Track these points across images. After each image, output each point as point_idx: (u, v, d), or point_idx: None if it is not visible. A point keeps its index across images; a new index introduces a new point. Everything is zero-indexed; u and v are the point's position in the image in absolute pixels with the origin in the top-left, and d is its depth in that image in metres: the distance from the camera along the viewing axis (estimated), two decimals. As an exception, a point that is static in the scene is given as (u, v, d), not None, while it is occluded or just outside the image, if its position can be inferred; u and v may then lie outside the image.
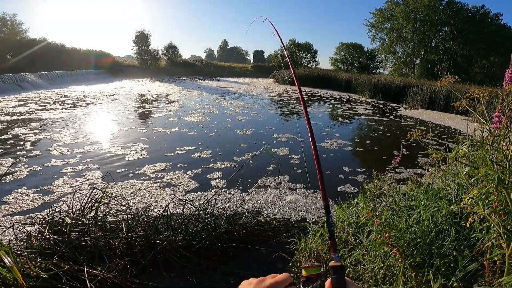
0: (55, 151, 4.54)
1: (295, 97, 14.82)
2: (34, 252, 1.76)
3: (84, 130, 6.03)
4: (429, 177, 2.06)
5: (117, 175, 3.75)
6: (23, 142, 4.98)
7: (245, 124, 7.34)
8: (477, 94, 1.25)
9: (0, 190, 3.19)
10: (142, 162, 4.27)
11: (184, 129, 6.49)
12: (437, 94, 12.19)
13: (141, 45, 29.26)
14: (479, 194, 1.16)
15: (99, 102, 10.20)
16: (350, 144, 6.07)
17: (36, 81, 14.13)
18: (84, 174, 3.74)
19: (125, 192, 3.27)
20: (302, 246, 2.05)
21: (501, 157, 1.00)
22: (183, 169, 4.07)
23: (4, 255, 1.17)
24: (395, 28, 30.45)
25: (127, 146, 4.98)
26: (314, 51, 39.39)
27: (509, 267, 1.08)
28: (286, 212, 3.01)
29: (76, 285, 1.59)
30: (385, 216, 1.75)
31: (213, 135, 6.10)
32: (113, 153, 4.62)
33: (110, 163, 4.19)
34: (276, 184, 3.70)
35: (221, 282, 1.95)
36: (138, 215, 2.28)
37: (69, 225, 1.86)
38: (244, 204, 2.95)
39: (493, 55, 27.23)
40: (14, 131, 5.67)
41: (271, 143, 5.62)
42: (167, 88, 16.09)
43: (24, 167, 3.87)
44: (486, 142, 1.07)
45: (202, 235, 2.12)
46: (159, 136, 5.80)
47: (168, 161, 4.34)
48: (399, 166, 4.42)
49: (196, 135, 5.97)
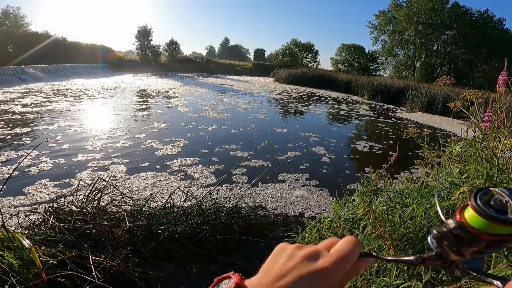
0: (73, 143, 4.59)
1: (294, 96, 14.88)
2: (39, 239, 1.81)
3: (91, 123, 6.08)
4: (423, 175, 2.13)
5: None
6: (35, 134, 5.03)
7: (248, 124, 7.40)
8: (471, 96, 1.31)
9: (25, 180, 3.29)
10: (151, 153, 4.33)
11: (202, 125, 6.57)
12: (436, 97, 12.28)
13: (142, 41, 29.31)
14: (469, 190, 1.23)
15: (101, 96, 10.23)
16: (347, 143, 6.15)
17: (36, 73, 14.11)
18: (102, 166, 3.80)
19: (144, 183, 3.36)
20: (299, 239, 2.11)
21: (490, 154, 1.06)
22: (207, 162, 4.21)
23: (22, 237, 1.23)
24: (397, 31, 30.54)
25: (134, 137, 5.04)
26: (315, 51, 39.48)
27: (496, 259, 1.15)
28: (287, 207, 3.08)
29: (80, 271, 1.65)
30: (380, 211, 1.81)
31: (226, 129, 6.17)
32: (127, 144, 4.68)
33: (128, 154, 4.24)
34: (277, 179, 3.77)
35: (220, 273, 1.99)
36: (141, 205, 2.34)
37: (75, 213, 1.91)
38: (244, 198, 3.02)
39: (494, 60, 27.32)
40: (37, 125, 5.71)
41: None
42: (167, 84, 16.13)
43: (47, 159, 3.95)
44: (476, 140, 1.14)
45: (203, 227, 2.18)
46: (154, 129, 5.86)
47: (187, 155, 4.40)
48: (395, 164, 4.50)
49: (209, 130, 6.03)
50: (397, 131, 7.94)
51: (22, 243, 1.22)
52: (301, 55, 38.68)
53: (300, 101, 13.04)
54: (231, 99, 11.69)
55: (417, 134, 1.33)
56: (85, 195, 2.31)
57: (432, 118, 11.03)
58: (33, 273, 1.47)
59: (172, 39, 32.94)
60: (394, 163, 2.13)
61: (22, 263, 1.45)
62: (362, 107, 12.83)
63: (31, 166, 3.64)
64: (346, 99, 15.33)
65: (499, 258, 1.10)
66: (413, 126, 8.94)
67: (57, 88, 11.46)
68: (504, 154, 1.18)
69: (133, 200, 2.56)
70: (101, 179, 2.37)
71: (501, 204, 0.29)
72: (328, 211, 2.95)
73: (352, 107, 12.43)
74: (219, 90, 14.89)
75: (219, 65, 35.07)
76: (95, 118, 6.80)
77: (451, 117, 10.98)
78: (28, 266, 1.34)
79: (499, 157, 1.09)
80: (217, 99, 11.57)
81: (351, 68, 35.72)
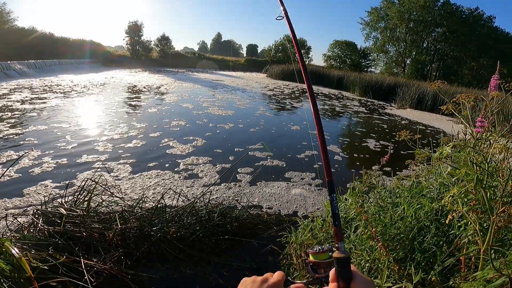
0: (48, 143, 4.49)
1: (287, 92, 14.90)
2: (28, 243, 1.77)
3: (76, 119, 5.95)
4: (414, 175, 2.16)
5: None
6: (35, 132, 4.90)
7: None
8: (463, 99, 1.33)
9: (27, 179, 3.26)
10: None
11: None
12: (425, 94, 12.47)
13: (133, 36, 28.90)
14: (459, 193, 1.25)
15: (89, 93, 10.01)
16: (337, 140, 6.22)
17: (22, 69, 13.72)
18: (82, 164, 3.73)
19: (151, 181, 3.29)
20: (292, 239, 2.13)
21: (481, 159, 1.08)
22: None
23: (11, 245, 1.19)
24: (389, 28, 30.80)
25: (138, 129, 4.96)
26: (308, 47, 39.52)
27: (484, 262, 1.18)
28: (280, 206, 3.09)
29: (72, 276, 1.62)
30: (372, 211, 1.83)
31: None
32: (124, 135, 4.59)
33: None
34: (271, 178, 3.77)
35: (214, 274, 2.01)
36: (132, 206, 2.31)
37: (64, 216, 1.88)
38: (238, 197, 3.01)
39: (483, 58, 27.81)
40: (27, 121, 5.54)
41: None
42: (159, 80, 15.90)
43: (49, 160, 3.88)
44: (468, 144, 1.16)
45: (196, 227, 2.17)
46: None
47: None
48: (386, 164, 4.56)
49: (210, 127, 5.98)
50: (389, 128, 8.04)
51: (12, 252, 1.18)
52: (293, 51, 38.61)
53: (292, 97, 13.09)
54: (224, 95, 11.63)
55: (410, 137, 1.34)
56: (74, 196, 2.27)
57: (422, 115, 11.20)
58: (25, 277, 1.44)
59: (164, 34, 32.52)
60: (388, 159, 2.15)
61: (13, 267, 1.41)
62: (353, 103, 12.98)
63: (33, 167, 3.58)
64: (337, 95, 15.44)
65: (487, 261, 1.12)
66: (404, 123, 9.10)
67: (45, 84, 11.17)
68: (493, 157, 1.20)
69: (124, 200, 2.53)
70: (91, 180, 2.33)
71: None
72: (321, 210, 2.97)
73: (344, 103, 12.55)
74: (212, 86, 14.77)
75: (211, 60, 34.76)
76: (88, 115, 6.66)
77: (440, 114, 11.23)
78: (19, 270, 1.31)
79: (489, 162, 1.11)
80: (210, 95, 11.49)
81: (343, 64, 35.94)
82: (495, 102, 1.20)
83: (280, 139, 5.85)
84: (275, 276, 0.56)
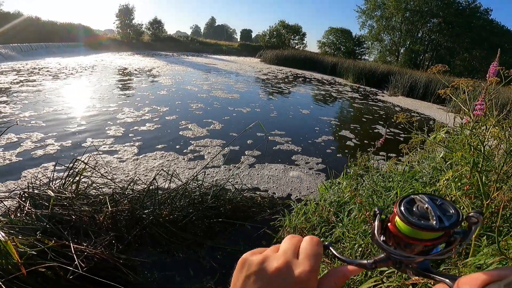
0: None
1: (281, 76, 14.79)
2: (15, 227, 1.72)
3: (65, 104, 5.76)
4: (407, 159, 2.17)
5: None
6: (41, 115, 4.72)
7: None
8: (462, 84, 1.31)
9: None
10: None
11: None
12: (417, 83, 12.57)
13: (124, 19, 28.07)
14: (453, 177, 1.25)
15: (76, 76, 9.69)
16: (330, 123, 6.26)
17: (8, 53, 13.16)
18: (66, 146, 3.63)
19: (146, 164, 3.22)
20: (286, 223, 2.13)
21: (478, 142, 1.07)
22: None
23: None
24: (385, 16, 30.51)
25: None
26: (303, 33, 38.98)
27: (475, 248, 1.19)
28: (276, 188, 3.10)
29: (62, 261, 1.58)
30: (366, 195, 1.84)
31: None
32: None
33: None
34: (256, 160, 3.76)
35: (207, 257, 2.01)
36: (123, 188, 2.27)
37: (52, 198, 1.82)
38: (231, 179, 3.00)
39: (476, 49, 27.99)
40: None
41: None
42: (150, 62, 15.50)
43: (56, 143, 3.77)
44: (466, 127, 1.14)
45: (189, 210, 2.15)
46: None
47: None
48: (381, 148, 4.60)
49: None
50: (378, 114, 8.08)
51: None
52: (288, 36, 38.08)
53: (286, 82, 13.05)
54: (217, 78, 11.47)
55: (407, 119, 1.33)
56: (63, 177, 2.21)
57: (413, 103, 11.36)
58: (12, 263, 1.40)
59: (156, 17, 32.03)
60: (383, 142, 2.15)
61: (0, 253, 1.37)
62: (346, 88, 13.15)
63: (35, 149, 3.51)
64: (331, 81, 15.47)
65: (480, 248, 1.14)
66: (397, 110, 9.19)
67: (32, 67, 10.73)
68: (489, 143, 1.20)
69: (115, 182, 2.48)
70: (80, 160, 2.26)
71: (423, 211, 0.30)
72: (315, 194, 2.98)
73: (337, 88, 12.66)
74: (205, 69, 14.52)
75: (204, 44, 34.06)
76: (77, 98, 6.46)
77: (430, 102, 11.61)
78: (6, 256, 1.27)
79: (485, 145, 1.10)
80: (203, 78, 11.33)
81: (337, 51, 35.66)
82: (494, 88, 1.20)
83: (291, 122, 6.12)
84: (305, 248, 0.32)
